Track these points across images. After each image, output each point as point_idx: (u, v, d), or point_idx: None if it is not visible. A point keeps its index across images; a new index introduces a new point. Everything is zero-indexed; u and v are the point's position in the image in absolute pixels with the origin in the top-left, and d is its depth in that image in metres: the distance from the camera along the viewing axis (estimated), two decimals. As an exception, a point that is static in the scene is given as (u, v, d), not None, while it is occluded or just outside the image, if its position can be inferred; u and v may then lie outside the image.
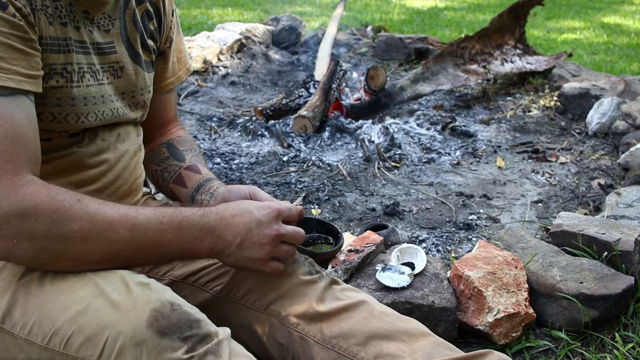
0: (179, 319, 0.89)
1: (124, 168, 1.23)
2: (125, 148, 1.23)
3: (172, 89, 1.41)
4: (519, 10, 3.69)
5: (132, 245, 0.97)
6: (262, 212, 1.04)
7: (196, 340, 0.88)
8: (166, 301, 0.91)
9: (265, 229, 1.03)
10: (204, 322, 0.91)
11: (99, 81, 1.13)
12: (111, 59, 1.15)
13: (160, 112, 1.40)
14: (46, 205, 0.91)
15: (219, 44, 4.02)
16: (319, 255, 1.56)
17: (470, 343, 1.48)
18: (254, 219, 1.03)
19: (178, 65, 1.39)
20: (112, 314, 0.89)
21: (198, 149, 1.42)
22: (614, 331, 1.51)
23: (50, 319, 0.93)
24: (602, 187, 2.32)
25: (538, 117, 3.17)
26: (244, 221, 1.03)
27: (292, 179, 2.39)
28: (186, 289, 1.20)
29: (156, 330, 0.87)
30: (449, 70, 3.37)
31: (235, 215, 1.03)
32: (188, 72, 1.43)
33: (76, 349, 0.90)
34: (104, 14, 1.13)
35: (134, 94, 1.22)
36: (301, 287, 1.14)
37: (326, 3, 6.91)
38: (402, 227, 2.06)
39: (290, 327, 1.12)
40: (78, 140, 1.13)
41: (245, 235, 1.03)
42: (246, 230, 1.03)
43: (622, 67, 4.24)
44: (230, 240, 1.03)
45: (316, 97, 2.85)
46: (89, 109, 1.10)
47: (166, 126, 1.44)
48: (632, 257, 1.62)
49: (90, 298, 0.92)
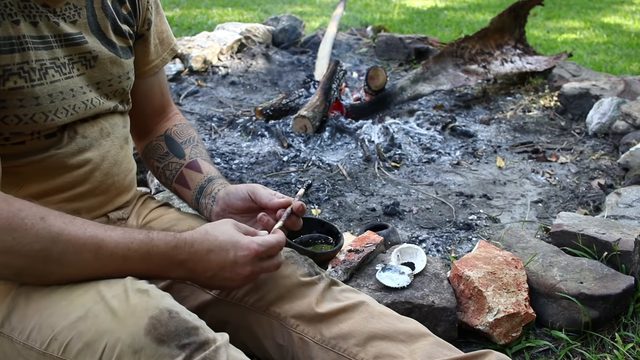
0: (177, 327, 0.88)
1: (112, 165, 1.19)
2: (110, 143, 1.18)
3: (159, 72, 1.35)
4: (519, 10, 3.69)
5: (94, 267, 0.94)
6: (240, 253, 1.01)
7: (194, 347, 0.87)
8: (164, 309, 0.90)
9: (239, 269, 1.02)
10: (202, 329, 0.91)
11: (67, 75, 1.08)
12: (82, 49, 1.10)
13: (149, 98, 1.35)
14: (6, 223, 0.88)
15: (219, 44, 4.02)
16: (319, 255, 1.56)
17: (470, 343, 1.47)
18: (229, 259, 1.01)
19: (161, 46, 1.33)
20: (111, 321, 0.88)
21: (197, 137, 1.38)
22: (614, 331, 1.51)
23: (49, 324, 0.92)
24: (602, 187, 2.32)
25: (538, 117, 3.17)
26: (219, 260, 1.01)
27: (292, 179, 2.39)
28: (186, 289, 1.19)
29: (154, 337, 0.86)
30: (449, 70, 3.37)
31: (211, 251, 1.01)
32: (173, 52, 1.36)
33: (75, 354, 0.89)
34: (67, 5, 1.08)
35: (110, 82, 1.17)
36: (301, 288, 1.14)
37: (326, 3, 6.91)
38: (402, 227, 2.06)
39: (290, 328, 1.12)
40: (56, 141, 1.08)
41: (217, 272, 1.02)
42: (219, 268, 1.01)
43: (622, 67, 4.24)
44: (200, 273, 1.02)
45: (316, 97, 2.85)
46: (56, 105, 1.06)
47: (160, 114, 1.39)
48: (632, 257, 1.62)
49: (90, 304, 0.91)
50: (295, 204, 1.18)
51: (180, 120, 1.40)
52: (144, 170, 2.22)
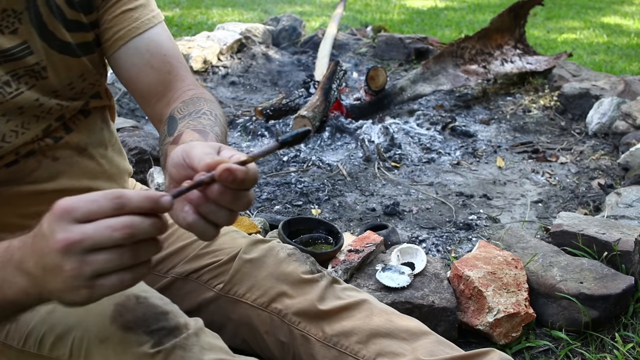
0: (145, 312, 0.85)
1: (94, 179, 1.06)
2: (85, 163, 1.05)
3: (141, 36, 1.06)
4: (519, 10, 3.69)
5: None
6: (47, 219, 0.66)
7: (163, 333, 0.85)
8: (131, 294, 0.87)
9: (50, 242, 0.63)
10: (173, 313, 0.88)
11: (12, 93, 0.95)
12: (28, 62, 0.96)
13: (137, 75, 1.07)
14: None
15: (219, 44, 4.02)
16: (319, 255, 1.56)
17: (470, 343, 1.47)
18: (39, 233, 0.66)
19: (136, 12, 1.07)
20: (77, 312, 0.85)
21: (206, 108, 1.01)
22: (614, 331, 1.51)
23: (25, 320, 0.90)
24: (602, 187, 2.32)
25: (538, 117, 3.17)
26: (37, 242, 0.67)
27: (292, 179, 2.39)
28: (189, 285, 1.19)
29: (120, 325, 0.84)
30: (449, 71, 3.37)
31: (35, 235, 0.67)
32: (158, 18, 1.10)
33: (49, 348, 0.88)
34: (5, 12, 0.93)
35: (72, 85, 1.04)
36: (302, 285, 1.14)
37: (326, 3, 6.91)
38: (402, 227, 2.06)
39: (292, 326, 1.11)
40: (18, 170, 0.96)
41: (39, 259, 0.66)
42: (38, 254, 0.66)
43: (622, 67, 4.24)
44: (34, 272, 0.67)
45: (316, 97, 2.85)
46: (2, 130, 0.94)
47: (164, 94, 1.08)
48: (632, 257, 1.62)
49: None
50: (221, 168, 0.66)
51: (193, 95, 1.06)
52: (144, 170, 2.22)
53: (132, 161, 2.16)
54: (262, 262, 1.16)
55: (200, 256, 1.20)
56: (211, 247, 1.20)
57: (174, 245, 1.21)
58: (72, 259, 0.62)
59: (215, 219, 0.68)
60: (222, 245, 1.20)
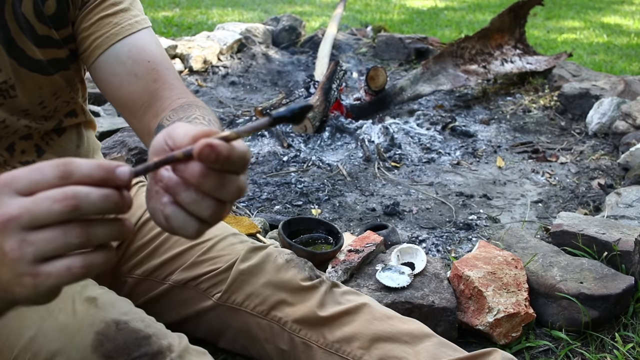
0: (126, 339, 0.84)
1: None
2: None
3: (121, 42, 0.97)
4: (519, 10, 3.69)
5: None
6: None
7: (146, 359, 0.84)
8: (111, 321, 0.85)
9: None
10: (156, 336, 0.87)
11: None
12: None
13: (120, 85, 0.98)
14: None
15: (219, 44, 4.02)
16: (319, 255, 1.56)
17: (470, 343, 1.47)
18: None
19: (115, 17, 0.98)
20: (59, 339, 0.85)
21: (198, 114, 0.89)
22: (614, 331, 1.51)
23: (9, 346, 0.89)
24: (602, 187, 2.32)
25: (538, 117, 3.17)
26: None
27: (292, 179, 2.39)
28: (187, 293, 1.18)
29: (101, 355, 0.83)
30: (449, 71, 3.37)
31: None
32: (141, 24, 1.01)
33: None
34: None
35: (43, 104, 0.99)
36: (302, 292, 1.13)
37: (326, 3, 6.91)
38: (402, 227, 2.06)
39: (292, 333, 1.11)
40: None
41: None
42: None
43: (622, 67, 4.24)
44: None
45: (316, 97, 2.85)
46: None
47: (152, 104, 0.98)
48: (632, 257, 1.62)
49: (39, 322, 0.87)
50: (201, 143, 0.53)
51: (184, 102, 0.96)
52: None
53: (132, 161, 2.16)
54: (260, 270, 1.15)
55: (198, 264, 1.18)
56: (209, 254, 1.19)
57: (171, 250, 1.19)
58: (12, 238, 0.51)
59: (198, 211, 0.54)
60: (220, 252, 1.19)
